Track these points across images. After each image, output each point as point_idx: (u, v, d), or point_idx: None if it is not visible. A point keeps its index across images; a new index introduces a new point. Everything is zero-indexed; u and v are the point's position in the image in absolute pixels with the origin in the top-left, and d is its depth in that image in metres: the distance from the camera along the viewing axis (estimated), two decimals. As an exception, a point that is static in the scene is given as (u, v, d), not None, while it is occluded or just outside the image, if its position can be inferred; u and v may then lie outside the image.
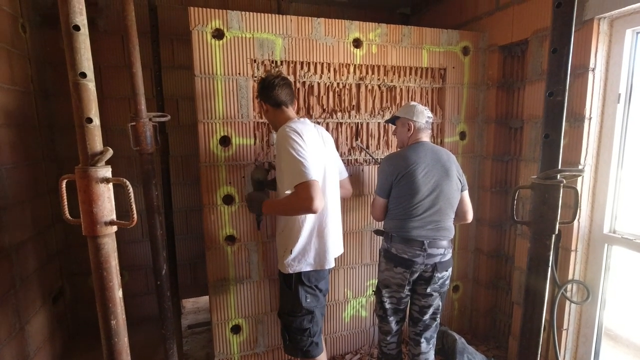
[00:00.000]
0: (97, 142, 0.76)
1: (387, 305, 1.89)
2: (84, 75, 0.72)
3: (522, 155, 2.22)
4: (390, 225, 1.84)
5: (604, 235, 1.89)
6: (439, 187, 1.78)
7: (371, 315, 2.44)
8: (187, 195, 2.93)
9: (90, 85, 0.74)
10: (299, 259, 1.57)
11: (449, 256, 1.84)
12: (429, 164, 1.79)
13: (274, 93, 1.59)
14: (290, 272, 1.58)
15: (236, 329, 2.11)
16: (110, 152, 0.77)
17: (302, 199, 1.38)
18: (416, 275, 1.81)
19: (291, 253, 1.57)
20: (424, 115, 1.83)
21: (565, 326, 1.99)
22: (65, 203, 0.79)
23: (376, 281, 2.06)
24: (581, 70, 1.82)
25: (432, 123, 1.90)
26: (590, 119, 1.81)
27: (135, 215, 0.78)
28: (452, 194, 1.81)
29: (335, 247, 1.68)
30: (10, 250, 1.96)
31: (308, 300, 1.60)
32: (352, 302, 2.37)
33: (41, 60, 2.41)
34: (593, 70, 1.79)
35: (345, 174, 1.88)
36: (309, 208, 1.38)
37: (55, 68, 2.47)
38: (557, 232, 0.85)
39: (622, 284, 1.96)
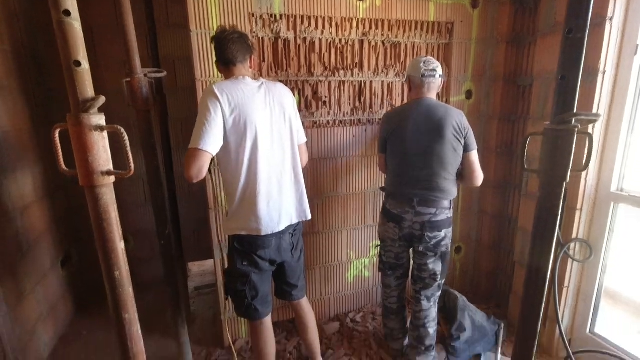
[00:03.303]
0: (87, 87, 0.72)
1: (385, 259, 1.99)
2: (67, 13, 0.67)
3: (530, 114, 2.16)
4: (387, 182, 1.93)
5: (610, 193, 1.87)
6: (430, 145, 1.73)
7: (374, 275, 2.48)
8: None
9: (75, 24, 0.69)
10: (233, 222, 1.52)
11: (442, 217, 1.79)
12: (420, 121, 1.74)
13: (221, 51, 1.47)
14: (227, 233, 1.57)
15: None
16: (102, 99, 0.73)
17: (184, 163, 1.34)
18: (406, 232, 1.83)
19: (227, 215, 1.55)
20: (420, 70, 1.73)
21: (566, 284, 2.01)
22: (60, 153, 0.76)
23: (379, 240, 2.09)
24: (598, 20, 1.72)
25: (440, 79, 1.79)
26: (604, 72, 1.73)
27: (132, 165, 0.75)
28: (445, 154, 1.73)
29: (277, 214, 1.54)
30: (15, 214, 1.96)
31: (244, 263, 1.55)
32: (355, 263, 2.40)
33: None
34: (611, 19, 1.69)
35: (303, 140, 1.70)
36: (186, 174, 1.33)
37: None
38: (568, 180, 0.82)
39: (624, 243, 1.96)
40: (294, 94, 1.72)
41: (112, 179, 0.77)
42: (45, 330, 2.19)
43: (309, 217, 1.67)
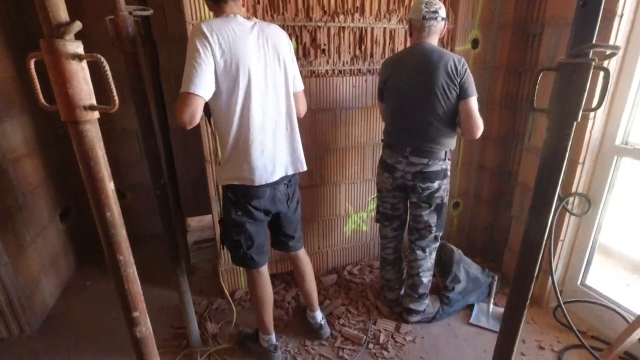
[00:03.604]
0: (60, 10, 0.65)
1: (381, 209, 2.02)
2: None
3: (539, 64, 2.06)
4: (384, 131, 1.91)
5: (615, 146, 1.83)
6: (422, 93, 1.66)
7: (372, 229, 2.50)
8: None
9: None
10: (226, 171, 1.48)
11: (435, 168, 1.75)
12: (414, 67, 1.67)
13: None
14: (221, 183, 1.53)
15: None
16: (78, 24, 0.67)
17: (176, 109, 1.27)
18: (399, 182, 1.82)
19: (219, 164, 1.51)
20: (421, 11, 1.62)
21: (562, 237, 2.03)
22: (37, 85, 0.71)
23: (378, 195, 2.08)
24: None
25: (442, 22, 1.67)
26: (621, 16, 1.63)
27: (116, 99, 0.70)
28: (437, 102, 1.65)
29: (271, 164, 1.49)
30: (7, 165, 1.93)
31: (239, 213, 1.53)
32: (353, 216, 2.41)
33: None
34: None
35: (300, 87, 1.61)
36: (178, 120, 1.27)
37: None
38: (579, 120, 0.78)
39: (623, 197, 1.95)
40: (291, 41, 1.62)
41: (96, 114, 0.73)
42: (48, 281, 2.24)
43: (305, 168, 1.63)
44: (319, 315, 1.94)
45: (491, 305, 2.13)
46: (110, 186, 0.79)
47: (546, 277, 2.10)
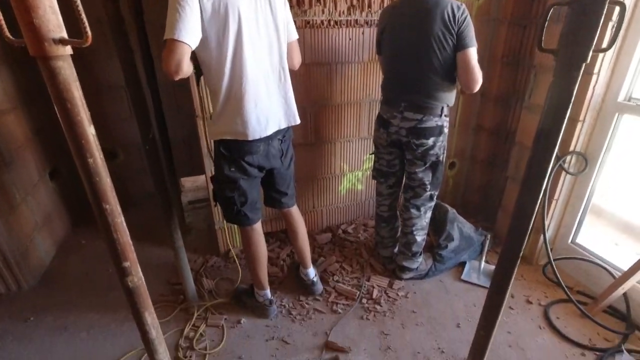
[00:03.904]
0: None
1: (377, 166, 2.00)
2: None
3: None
4: (381, 86, 1.86)
5: (617, 103, 1.78)
6: (416, 44, 1.58)
7: (367, 188, 2.49)
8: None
9: None
10: (218, 125, 1.43)
11: (430, 124, 1.69)
12: (409, 15, 1.58)
13: None
14: (212, 138, 1.48)
15: (234, 200, 2.15)
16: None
17: (162, 58, 1.19)
18: (394, 137, 1.79)
19: (211, 119, 1.45)
20: None
21: (556, 196, 2.03)
22: (1, 17, 0.64)
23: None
24: None
25: None
26: (636, -40, 1.53)
27: (88, 31, 0.64)
28: (430, 54, 1.56)
29: (265, 117, 1.44)
30: (-12, 121, 1.86)
31: (232, 169, 1.49)
32: (348, 175, 2.39)
33: None
34: None
35: (294, 36, 1.53)
36: (165, 69, 1.19)
37: None
38: (588, 61, 0.73)
39: (619, 157, 1.94)
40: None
41: (68, 49, 0.67)
42: (43, 239, 2.23)
43: (298, 121, 1.58)
44: (311, 272, 1.96)
45: (483, 263, 2.17)
46: (90, 130, 0.74)
47: (537, 236, 2.12)
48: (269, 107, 1.45)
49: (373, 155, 2.03)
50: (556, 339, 1.74)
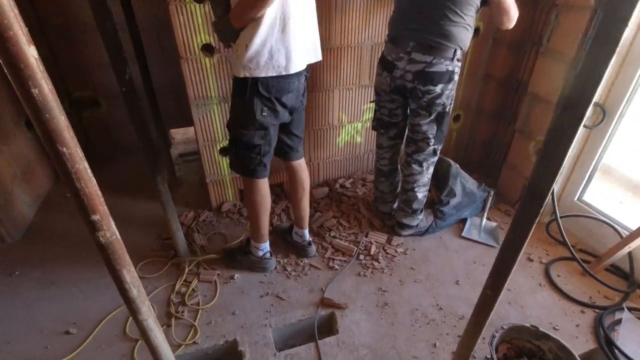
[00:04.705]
0: None
1: (378, 115, 1.86)
2: None
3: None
4: (389, 23, 1.67)
5: (646, 48, 1.62)
6: None
7: (366, 141, 2.36)
8: (155, 12, 2.46)
9: None
10: (257, 59, 1.26)
11: (439, 68, 1.53)
12: None
13: None
14: (247, 75, 1.29)
15: (224, 151, 2.02)
16: None
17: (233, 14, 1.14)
18: (398, 82, 1.63)
19: (246, 49, 1.24)
20: None
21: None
22: None
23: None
24: None
25: None
26: None
27: None
28: None
29: (302, 47, 1.34)
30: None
31: (264, 114, 1.36)
32: (347, 127, 2.24)
33: None
34: None
35: None
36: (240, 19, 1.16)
37: None
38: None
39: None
40: None
41: None
42: (24, 192, 2.12)
43: (320, 58, 1.48)
44: (307, 233, 1.87)
45: (484, 220, 2.10)
46: (30, 51, 0.59)
47: (544, 192, 2.03)
48: (304, 37, 1.35)
49: (373, 104, 1.88)
50: (556, 296, 1.71)
